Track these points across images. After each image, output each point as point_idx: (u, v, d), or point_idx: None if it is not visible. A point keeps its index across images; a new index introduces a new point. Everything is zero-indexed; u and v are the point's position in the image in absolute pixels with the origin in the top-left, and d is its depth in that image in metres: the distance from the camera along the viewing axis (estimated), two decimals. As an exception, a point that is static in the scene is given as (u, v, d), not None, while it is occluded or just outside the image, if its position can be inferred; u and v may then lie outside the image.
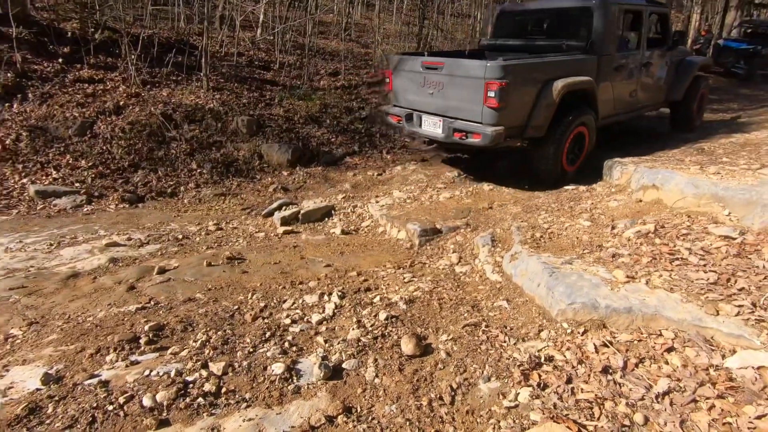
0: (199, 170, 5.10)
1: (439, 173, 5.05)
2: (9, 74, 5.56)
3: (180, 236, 3.47)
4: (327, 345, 1.88)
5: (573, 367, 1.61)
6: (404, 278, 2.61)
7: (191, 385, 1.55)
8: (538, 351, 1.73)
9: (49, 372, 1.61)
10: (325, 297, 2.33)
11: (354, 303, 2.26)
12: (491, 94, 3.66)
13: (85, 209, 4.15)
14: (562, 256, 2.33)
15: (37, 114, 5.30)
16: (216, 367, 1.64)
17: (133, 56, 5.93)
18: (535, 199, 3.75)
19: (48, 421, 1.37)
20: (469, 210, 3.70)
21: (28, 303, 2.23)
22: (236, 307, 2.24)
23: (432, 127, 4.35)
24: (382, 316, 2.07)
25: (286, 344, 1.87)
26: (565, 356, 1.67)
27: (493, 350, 1.79)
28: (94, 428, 1.35)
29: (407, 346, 1.79)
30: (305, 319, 2.12)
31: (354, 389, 1.61)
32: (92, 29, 6.85)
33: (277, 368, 1.65)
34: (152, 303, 2.26)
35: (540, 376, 1.59)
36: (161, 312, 2.16)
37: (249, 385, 1.58)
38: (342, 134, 6.47)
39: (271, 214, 4.01)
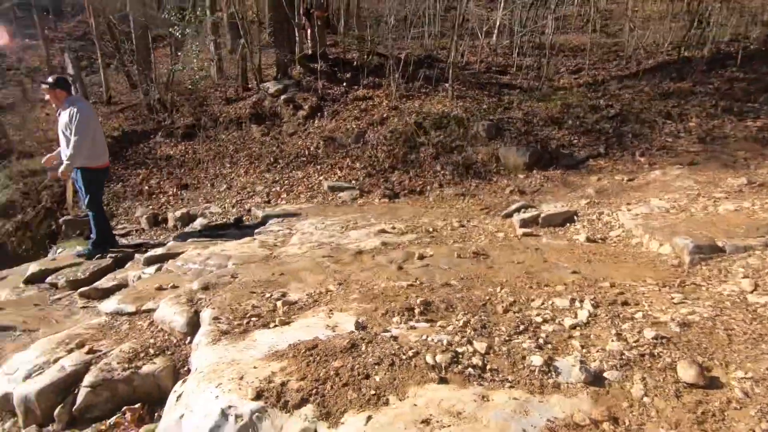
0: (442, 172, 5.68)
1: (716, 180, 4.15)
2: (314, 98, 7.46)
3: (430, 229, 3.98)
4: (584, 351, 1.86)
5: None
6: (672, 298, 2.30)
7: (461, 356, 1.81)
8: None
9: (358, 320, 2.15)
10: (577, 303, 2.28)
11: (611, 315, 2.14)
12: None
13: (359, 201, 5.23)
14: None
15: (329, 127, 6.94)
16: (480, 346, 1.86)
17: (396, 75, 7.05)
18: None
19: (363, 356, 1.85)
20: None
21: (336, 268, 3.02)
22: (487, 297, 2.45)
23: None
24: (649, 334, 1.90)
25: (541, 340, 1.94)
26: None
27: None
28: (393, 369, 1.75)
29: (687, 373, 1.60)
30: (557, 321, 2.14)
31: (618, 401, 1.56)
32: (366, 57, 8.48)
33: (536, 360, 1.75)
34: (418, 282, 2.70)
35: None
36: (426, 291, 2.57)
37: (510, 369, 1.74)
38: (585, 135, 6.03)
39: (510, 215, 4.13)
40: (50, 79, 4.24)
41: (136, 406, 2.07)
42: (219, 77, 9.87)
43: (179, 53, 10.20)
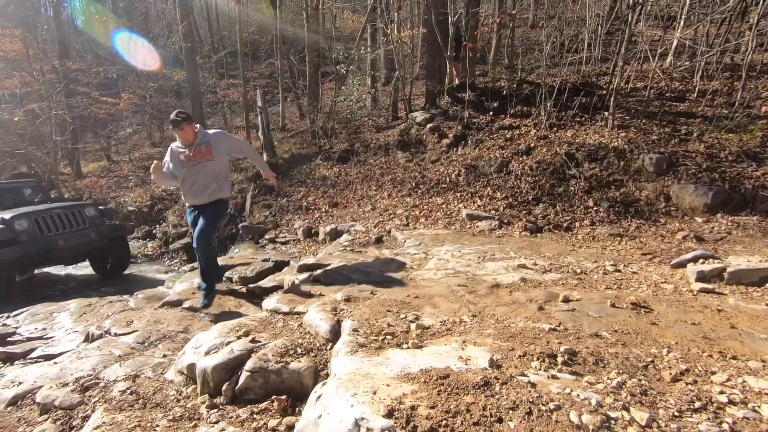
0: (595, 208, 5.14)
1: None
2: (459, 127, 7.57)
3: (578, 270, 3.61)
4: (793, 453, 1.43)
5: None
6: None
7: (614, 422, 1.57)
8: None
9: (493, 357, 2.05)
10: (784, 389, 1.78)
11: (838, 413, 1.61)
12: None
13: (497, 232, 5.05)
14: None
15: (472, 155, 6.93)
16: (639, 416, 1.59)
17: (548, 104, 6.72)
18: None
19: (496, 397, 1.75)
20: None
21: (470, 299, 2.95)
22: (650, 359, 2.09)
23: None
24: None
25: (726, 426, 1.57)
26: None
27: None
28: (530, 418, 1.61)
29: None
30: (749, 406, 1.70)
31: None
32: (515, 86, 8.30)
33: (719, 450, 1.41)
34: (561, 327, 2.46)
35: None
36: (571, 338, 2.32)
37: (680, 452, 1.44)
38: (798, 175, 4.80)
39: (682, 265, 3.50)
40: (182, 115, 3.66)
41: (283, 397, 2.32)
42: (373, 107, 10.80)
43: (342, 87, 11.53)
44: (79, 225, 6.53)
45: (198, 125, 3.81)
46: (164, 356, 3.13)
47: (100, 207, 7.65)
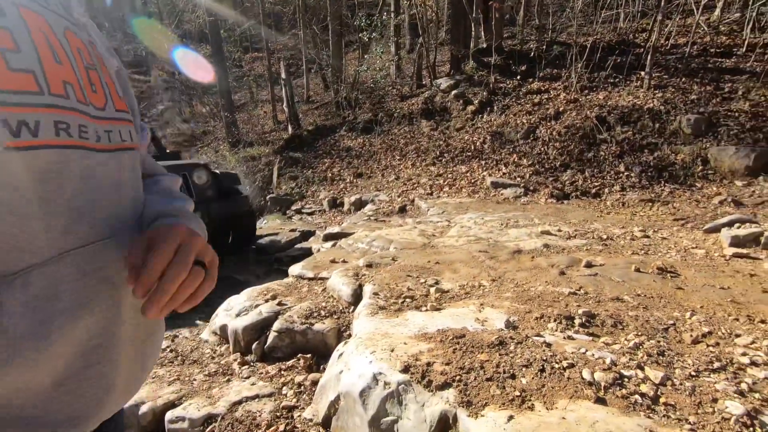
0: (626, 173, 4.96)
1: None
2: (485, 93, 7.36)
3: (604, 236, 3.54)
4: (813, 412, 1.41)
5: None
6: None
7: (627, 380, 1.59)
8: None
9: (509, 319, 2.09)
10: (810, 351, 1.74)
11: None
12: None
13: (522, 200, 4.98)
14: None
15: (498, 122, 6.76)
16: (653, 374, 1.60)
17: (579, 65, 6.40)
18: None
19: (510, 355, 1.79)
20: None
21: (491, 264, 2.97)
22: (672, 322, 2.06)
23: None
24: None
25: (744, 386, 1.56)
26: None
27: None
28: (542, 375, 1.65)
29: None
30: (772, 368, 1.67)
31: None
32: (544, 47, 7.92)
33: (734, 408, 1.41)
34: (582, 291, 2.46)
35: None
36: (590, 302, 2.32)
37: (693, 409, 1.45)
38: None
39: (716, 230, 3.36)
40: None
41: (308, 355, 2.45)
42: (397, 75, 10.60)
43: (366, 56, 11.33)
44: None
45: None
46: (199, 319, 3.34)
47: (214, 169, 4.88)
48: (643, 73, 6.08)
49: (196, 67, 14.66)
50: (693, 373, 1.65)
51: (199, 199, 4.21)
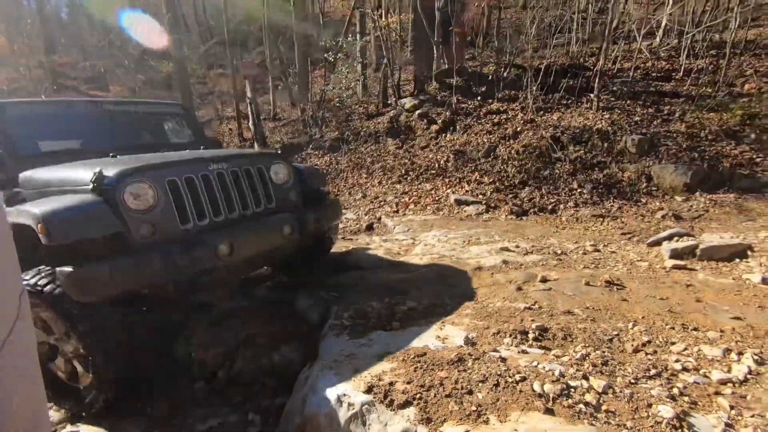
0: (579, 190, 5.26)
1: None
2: (447, 113, 7.62)
3: (558, 251, 3.74)
4: (733, 412, 1.58)
5: None
6: None
7: (573, 390, 1.71)
8: None
9: (468, 336, 2.19)
10: (733, 355, 1.93)
11: (780, 376, 1.76)
12: None
13: (484, 216, 5.18)
14: None
15: (460, 141, 7.01)
16: (597, 383, 1.73)
17: (533, 87, 6.78)
18: None
19: (468, 371, 1.89)
20: None
21: (453, 282, 3.08)
22: (615, 333, 2.23)
23: None
24: (834, 408, 1.52)
25: (675, 390, 1.71)
26: None
27: None
28: (497, 389, 1.75)
29: None
30: (701, 372, 1.85)
31: (773, 481, 1.30)
32: (503, 69, 8.33)
33: (665, 411, 1.56)
34: (536, 306, 2.60)
35: None
36: (544, 316, 2.46)
37: (630, 415, 1.58)
38: (775, 152, 4.92)
39: (658, 243, 3.64)
40: None
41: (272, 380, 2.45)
42: (363, 94, 10.79)
43: (332, 75, 11.49)
44: (262, 204, 2.80)
45: None
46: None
47: (297, 165, 3.25)
48: (592, 95, 6.52)
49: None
50: (632, 381, 1.79)
51: (280, 205, 2.86)
